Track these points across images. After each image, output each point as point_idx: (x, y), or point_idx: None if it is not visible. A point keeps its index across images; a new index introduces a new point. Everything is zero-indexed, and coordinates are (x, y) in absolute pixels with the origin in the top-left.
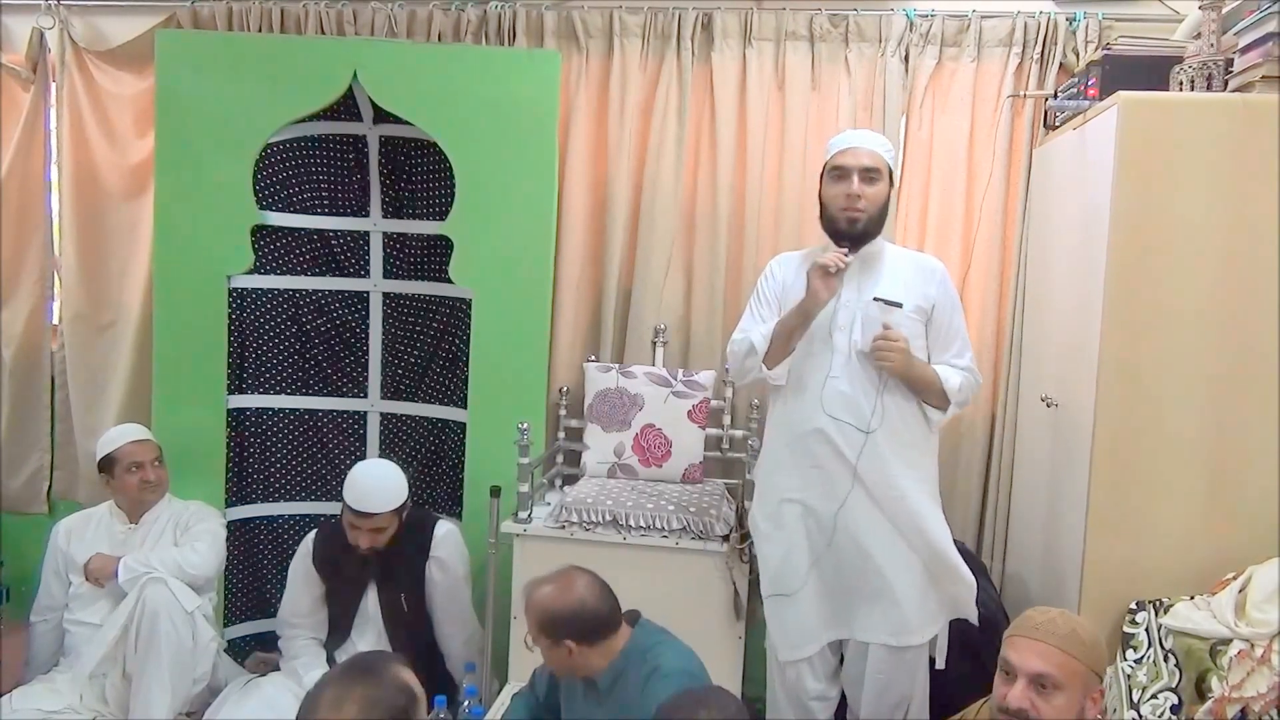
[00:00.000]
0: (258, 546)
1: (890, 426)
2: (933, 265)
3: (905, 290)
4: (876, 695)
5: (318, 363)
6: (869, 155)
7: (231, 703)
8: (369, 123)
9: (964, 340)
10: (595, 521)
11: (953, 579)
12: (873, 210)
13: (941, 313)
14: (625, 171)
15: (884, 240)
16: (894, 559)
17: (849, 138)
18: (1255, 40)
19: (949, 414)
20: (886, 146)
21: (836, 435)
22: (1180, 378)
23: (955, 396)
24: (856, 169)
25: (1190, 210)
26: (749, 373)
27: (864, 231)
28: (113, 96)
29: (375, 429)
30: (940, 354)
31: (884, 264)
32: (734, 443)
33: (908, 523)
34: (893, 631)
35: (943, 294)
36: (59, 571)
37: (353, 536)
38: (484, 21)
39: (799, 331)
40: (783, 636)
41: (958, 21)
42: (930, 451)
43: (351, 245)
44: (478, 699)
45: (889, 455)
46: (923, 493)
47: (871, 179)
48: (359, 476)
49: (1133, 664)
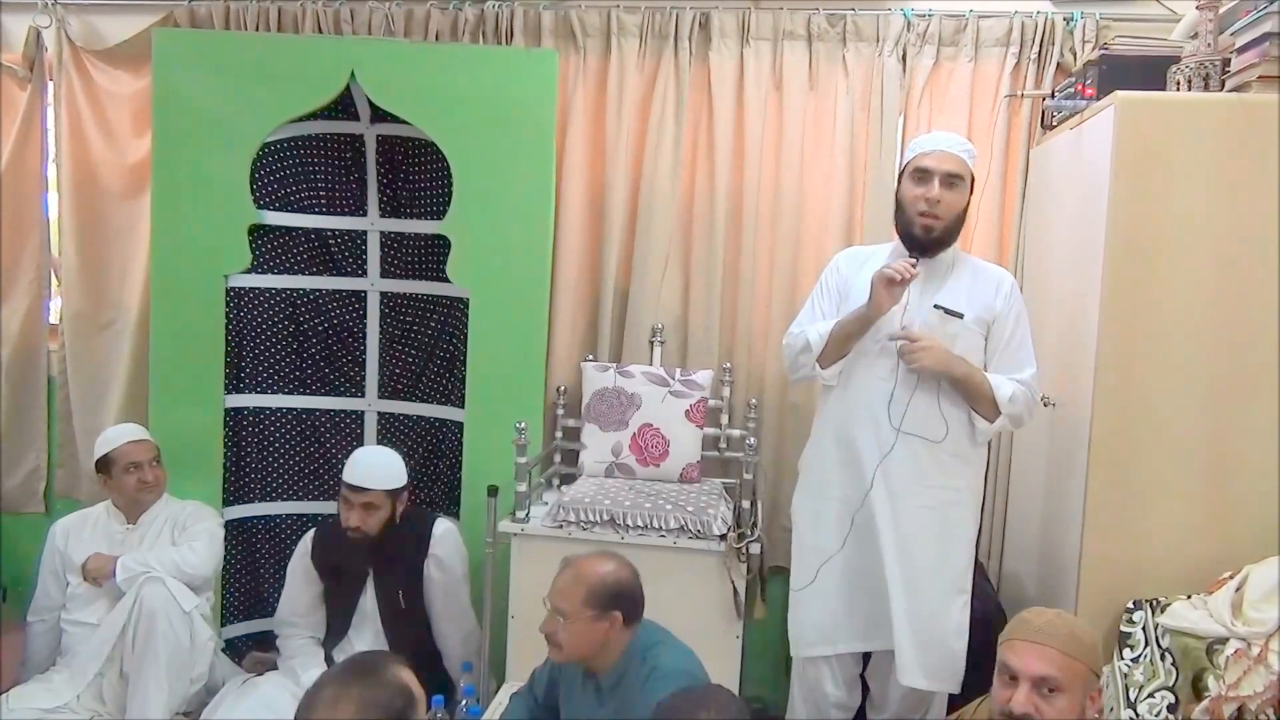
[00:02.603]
0: (255, 546)
1: (932, 433)
2: (1000, 276)
3: (968, 300)
4: (900, 697)
5: (315, 362)
6: (954, 160)
7: (229, 702)
8: (366, 122)
9: (1026, 354)
10: (593, 521)
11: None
12: (949, 218)
13: (1002, 325)
14: (623, 171)
15: (956, 247)
16: (914, 579)
17: (935, 139)
18: (1252, 40)
19: (997, 425)
20: (972, 152)
21: (874, 438)
22: (1177, 377)
23: (1006, 407)
24: (939, 173)
25: (1187, 210)
26: (801, 369)
27: (940, 239)
28: (110, 95)
29: (373, 428)
30: (999, 366)
31: (952, 271)
32: (731, 442)
33: (925, 546)
34: (902, 667)
35: (1006, 306)
36: (56, 571)
37: (344, 514)
38: (481, 21)
39: (856, 337)
40: (799, 632)
41: (955, 21)
42: (975, 463)
43: (349, 244)
44: (475, 698)
45: (926, 463)
46: (950, 516)
47: (953, 184)
48: (359, 454)
49: (1129, 663)
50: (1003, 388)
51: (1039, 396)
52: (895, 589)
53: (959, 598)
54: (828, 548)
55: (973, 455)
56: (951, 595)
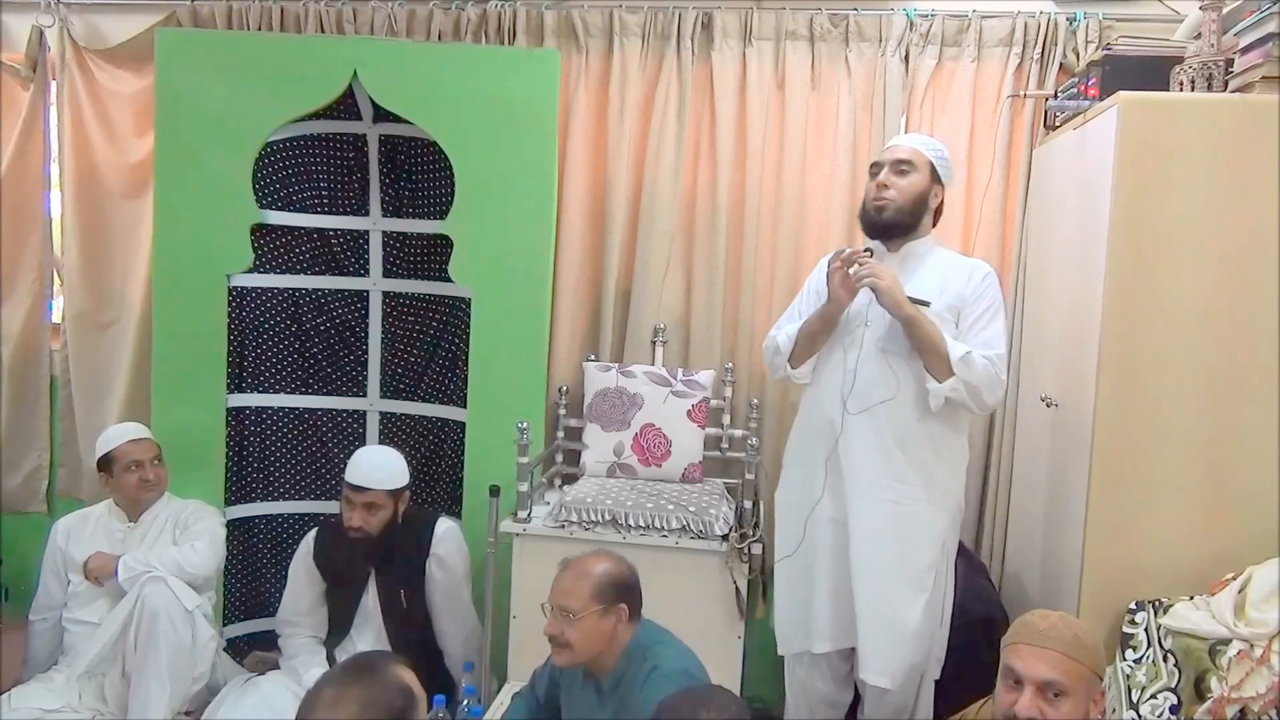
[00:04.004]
0: (257, 545)
1: (883, 392)
2: (974, 266)
3: (940, 289)
4: (879, 697)
5: (317, 362)
6: (903, 150)
7: (230, 702)
8: (369, 121)
9: (995, 336)
10: (595, 521)
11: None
12: (901, 200)
13: (972, 309)
14: (625, 171)
15: (933, 242)
16: (874, 575)
17: (893, 140)
18: (1255, 40)
19: (949, 388)
20: (929, 144)
21: (841, 427)
22: (1180, 377)
23: (959, 368)
24: (888, 162)
25: (1190, 210)
26: (777, 370)
27: (894, 221)
28: (113, 95)
29: (375, 428)
30: (966, 343)
31: (926, 264)
32: (733, 442)
33: (885, 542)
34: (862, 664)
35: (977, 293)
36: (58, 570)
37: (346, 514)
38: (484, 20)
39: (822, 334)
40: (779, 627)
41: (958, 21)
42: (946, 459)
43: (351, 244)
44: (477, 698)
45: (891, 451)
46: (913, 511)
47: (903, 171)
48: (361, 454)
49: (1132, 664)
50: (956, 348)
51: (1004, 377)
52: (857, 585)
53: (919, 596)
54: (790, 544)
55: (943, 450)
56: (912, 594)
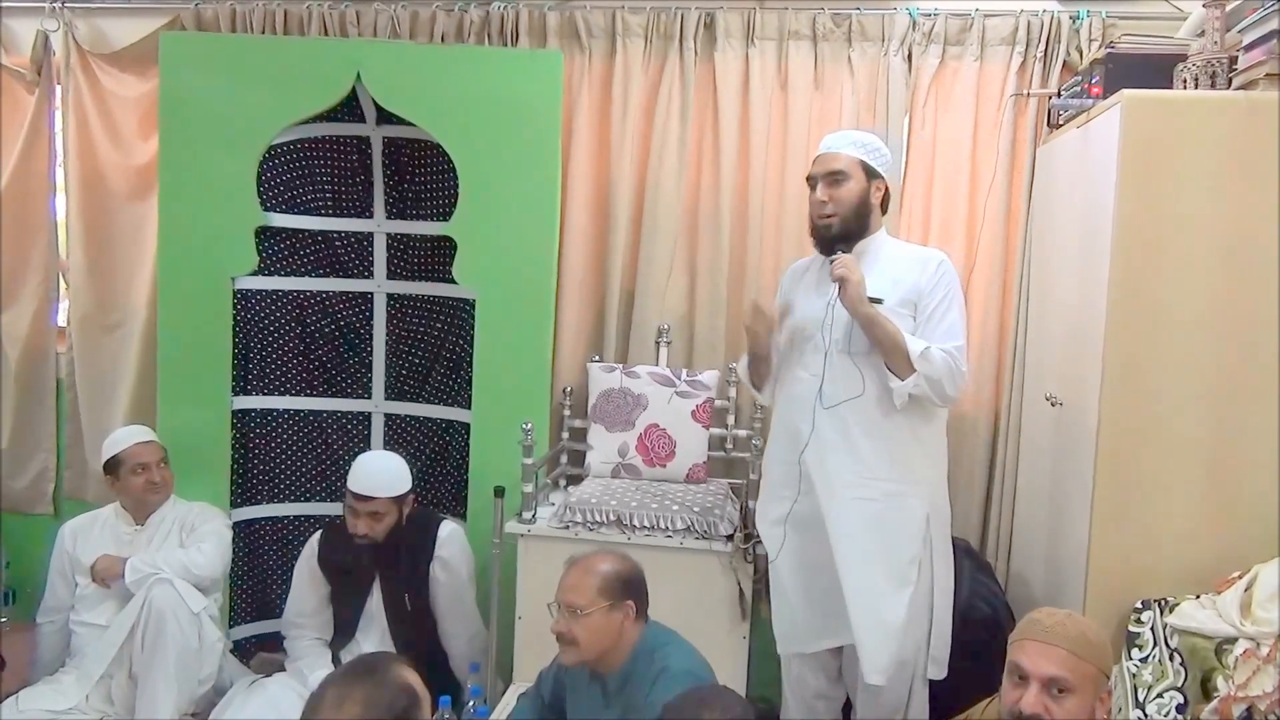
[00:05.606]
0: (262, 547)
1: (849, 389)
2: (928, 256)
3: (895, 284)
4: (872, 696)
5: (322, 364)
6: (832, 159)
7: (236, 703)
8: (372, 124)
9: (953, 328)
10: (599, 522)
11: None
12: (843, 210)
13: (928, 301)
14: (628, 171)
15: (884, 235)
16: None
17: (821, 146)
18: (1259, 38)
19: (910, 384)
20: (857, 142)
21: (812, 430)
22: (1184, 376)
23: (920, 364)
24: (821, 175)
25: (1194, 209)
26: (750, 391)
27: (842, 233)
28: (117, 99)
29: (379, 430)
30: (924, 337)
31: (878, 259)
32: (738, 442)
33: (865, 540)
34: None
35: (932, 283)
36: (65, 572)
37: (351, 523)
38: (486, 22)
39: (766, 359)
40: (776, 628)
41: (961, 20)
42: (924, 452)
43: (355, 246)
44: (482, 699)
45: (865, 449)
46: (894, 507)
47: (837, 181)
48: (362, 461)
49: (1138, 663)
50: (916, 344)
51: (964, 368)
52: (844, 586)
53: (903, 590)
54: (773, 549)
55: (916, 442)
56: (895, 589)
